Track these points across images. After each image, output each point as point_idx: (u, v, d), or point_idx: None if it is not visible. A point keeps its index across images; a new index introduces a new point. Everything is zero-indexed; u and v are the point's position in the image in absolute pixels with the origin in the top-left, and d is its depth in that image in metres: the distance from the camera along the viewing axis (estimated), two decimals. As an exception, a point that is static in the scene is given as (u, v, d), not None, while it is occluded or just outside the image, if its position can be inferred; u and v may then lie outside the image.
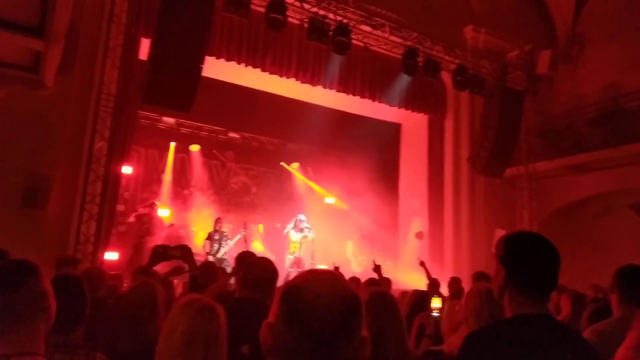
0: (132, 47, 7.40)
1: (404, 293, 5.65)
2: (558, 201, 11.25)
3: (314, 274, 1.02)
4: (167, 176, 12.43)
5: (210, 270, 4.07)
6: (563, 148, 10.69)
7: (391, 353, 2.14)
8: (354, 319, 0.96)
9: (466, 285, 5.73)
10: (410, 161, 12.59)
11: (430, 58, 9.31)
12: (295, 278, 1.02)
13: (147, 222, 10.09)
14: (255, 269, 2.57)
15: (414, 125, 12.37)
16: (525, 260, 1.59)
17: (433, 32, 9.74)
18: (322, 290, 0.95)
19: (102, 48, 7.13)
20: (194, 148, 12.68)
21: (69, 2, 5.48)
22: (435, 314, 3.08)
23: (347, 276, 6.00)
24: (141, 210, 10.39)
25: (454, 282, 6.32)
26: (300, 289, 0.96)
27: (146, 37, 7.51)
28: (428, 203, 11.72)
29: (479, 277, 4.93)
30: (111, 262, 8.25)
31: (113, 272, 6.38)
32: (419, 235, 11.89)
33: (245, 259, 3.25)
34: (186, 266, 2.99)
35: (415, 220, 12.24)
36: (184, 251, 2.98)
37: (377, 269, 5.84)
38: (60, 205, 6.99)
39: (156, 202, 10.65)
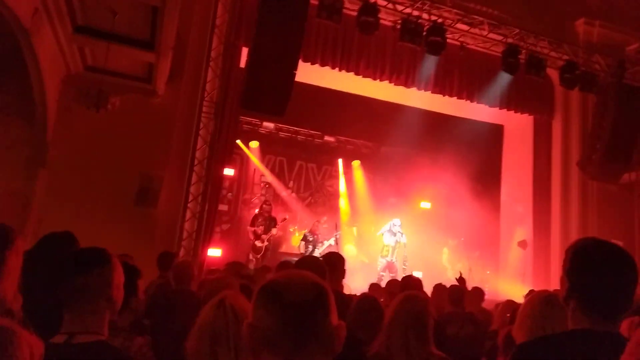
0: (232, 55, 7.87)
1: (497, 305, 5.33)
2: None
3: (287, 271, 1.12)
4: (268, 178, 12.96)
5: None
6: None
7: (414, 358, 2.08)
8: (324, 300, 1.02)
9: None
10: (514, 165, 11.89)
11: (533, 55, 8.73)
12: (269, 277, 1.11)
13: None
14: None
15: (517, 126, 11.68)
16: (592, 276, 1.41)
17: (538, 28, 9.14)
18: (294, 276, 1.05)
19: (205, 58, 7.67)
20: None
21: (175, 16, 5.97)
22: None
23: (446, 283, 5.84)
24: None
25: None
26: (274, 280, 1.05)
27: (245, 46, 7.93)
28: (533, 210, 10.99)
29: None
30: (214, 259, 8.84)
31: (212, 268, 6.82)
32: (522, 244, 11.19)
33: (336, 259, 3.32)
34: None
35: (518, 228, 11.53)
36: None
37: (461, 280, 5.56)
38: (168, 204, 7.64)
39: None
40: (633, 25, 10.37)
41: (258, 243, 9.88)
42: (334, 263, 3.31)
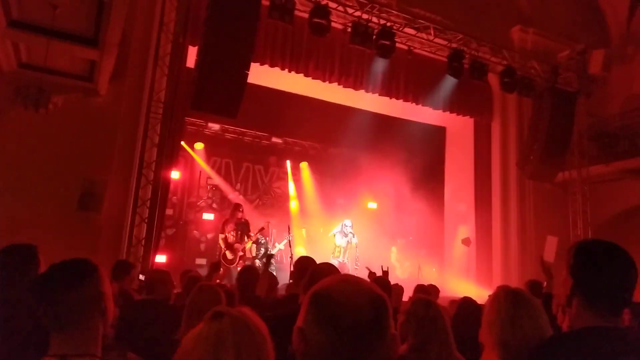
0: (180, 55, 7.61)
1: (453, 302, 5.47)
2: (615, 206, 10.72)
3: (340, 278, 1.06)
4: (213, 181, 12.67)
5: (252, 275, 4.08)
6: (619, 151, 10.19)
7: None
8: (383, 317, 0.99)
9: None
10: (456, 165, 12.34)
11: (477, 60, 9.11)
12: (323, 283, 1.06)
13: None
14: (320, 276, 2.57)
15: (459, 128, 12.13)
16: (597, 273, 1.48)
17: (479, 34, 9.53)
18: (351, 291, 0.99)
19: (152, 57, 7.37)
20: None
21: (123, 12, 5.69)
22: None
23: (393, 281, 5.91)
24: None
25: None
26: (329, 292, 1.00)
27: (193, 45, 7.70)
28: (475, 208, 11.45)
29: (532, 286, 4.73)
30: (160, 265, 8.50)
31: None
32: (465, 241, 11.62)
33: (307, 264, 3.25)
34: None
35: (461, 226, 11.98)
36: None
37: (384, 274, 5.55)
38: (113, 208, 7.25)
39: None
40: (564, 33, 11.06)
41: (229, 254, 9.07)
42: (306, 267, 3.27)
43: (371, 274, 5.25)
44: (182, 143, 10.61)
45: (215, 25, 6.94)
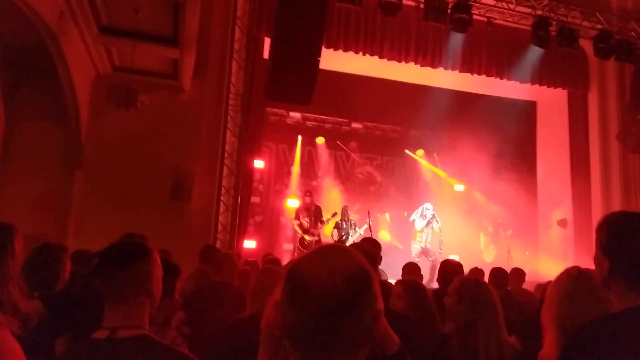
0: (255, 47, 7.86)
1: (540, 286, 5.16)
2: None
3: (319, 251, 0.96)
4: (296, 169, 12.98)
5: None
6: None
7: (482, 344, 1.98)
8: (360, 294, 0.88)
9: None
10: (549, 142, 11.54)
11: (565, 26, 8.39)
12: (300, 256, 0.97)
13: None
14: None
15: (551, 102, 11.30)
16: (635, 251, 1.33)
17: (568, -3, 8.78)
18: (322, 269, 0.88)
19: (228, 50, 7.68)
20: (320, 140, 13.04)
21: (197, 11, 5.99)
22: None
23: (478, 265, 5.69)
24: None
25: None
26: (300, 268, 0.91)
27: (267, 36, 7.91)
28: (572, 187, 10.64)
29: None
30: (249, 250, 8.92)
31: (250, 259, 6.89)
32: (562, 222, 10.87)
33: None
34: None
35: (557, 206, 11.20)
36: None
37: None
38: (201, 197, 7.73)
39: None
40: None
41: (307, 237, 9.47)
42: (370, 249, 3.27)
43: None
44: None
45: (285, 14, 7.05)
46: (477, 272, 5.35)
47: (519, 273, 5.67)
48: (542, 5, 8.52)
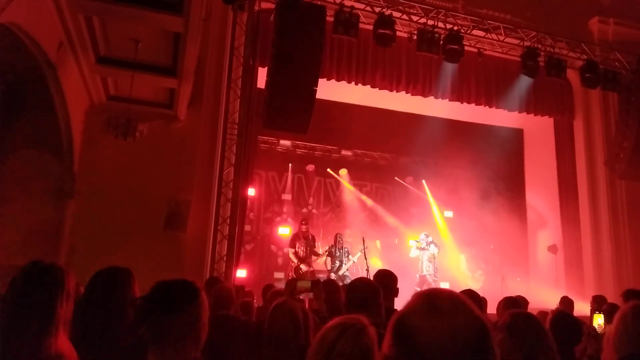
0: (251, 77, 7.91)
1: (542, 313, 5.16)
2: None
3: (429, 301, 0.90)
4: (287, 196, 12.95)
5: (335, 291, 4.09)
6: None
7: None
8: (481, 352, 0.84)
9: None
10: (537, 168, 11.75)
11: (553, 57, 8.66)
12: (408, 306, 0.92)
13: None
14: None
15: (538, 129, 11.56)
16: None
17: (553, 29, 9.09)
18: (440, 322, 0.84)
19: (225, 80, 7.71)
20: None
21: (197, 41, 6.03)
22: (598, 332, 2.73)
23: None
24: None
25: (599, 301, 5.66)
26: (413, 321, 0.86)
27: (262, 67, 7.97)
28: (560, 213, 10.80)
29: (630, 296, 4.37)
30: (240, 280, 8.78)
31: (247, 290, 6.77)
32: (552, 248, 10.97)
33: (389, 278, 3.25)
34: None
35: (546, 232, 11.34)
36: (315, 286, 3.16)
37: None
38: (196, 227, 7.62)
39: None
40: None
41: (303, 266, 9.32)
42: (387, 282, 3.23)
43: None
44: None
45: (282, 46, 7.14)
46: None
47: (524, 301, 5.66)
48: (530, 37, 8.79)
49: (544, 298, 9.49)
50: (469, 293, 3.53)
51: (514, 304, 4.06)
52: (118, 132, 6.04)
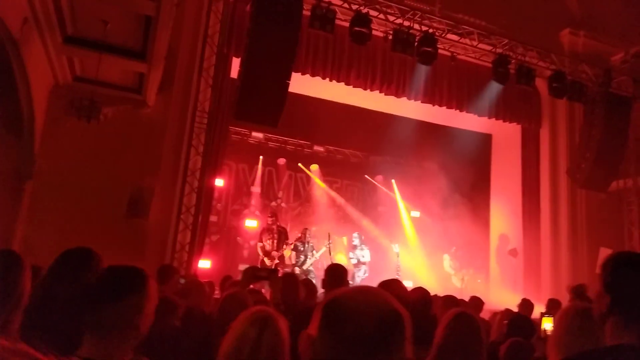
0: (224, 66, 7.81)
1: (495, 314, 5.30)
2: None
3: (359, 288, 1.03)
4: (256, 189, 12.87)
5: (293, 284, 4.10)
6: (680, 159, 9.62)
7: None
8: (392, 334, 0.94)
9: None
10: (503, 173, 11.99)
11: (523, 65, 8.84)
12: (339, 291, 1.03)
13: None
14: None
15: (505, 135, 11.79)
16: (637, 288, 1.40)
17: (525, 38, 9.27)
18: (362, 302, 0.95)
19: (197, 68, 7.59)
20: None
21: (169, 26, 5.90)
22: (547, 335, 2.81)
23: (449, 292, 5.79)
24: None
25: (553, 305, 5.84)
26: (341, 299, 0.97)
27: (237, 57, 7.88)
28: (522, 218, 11.07)
29: (578, 292, 4.52)
30: (203, 270, 8.69)
31: (206, 280, 6.70)
32: (512, 252, 11.24)
33: (340, 272, 3.28)
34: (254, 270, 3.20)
35: (508, 236, 11.60)
36: (271, 273, 3.16)
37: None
38: (159, 215, 7.49)
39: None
40: (616, 36, 10.58)
41: (267, 260, 9.27)
42: (337, 275, 3.28)
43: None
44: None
45: (257, 36, 7.07)
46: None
47: (477, 302, 5.80)
48: (502, 44, 8.95)
49: (502, 300, 9.74)
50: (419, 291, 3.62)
51: (455, 303, 4.17)
52: (81, 114, 5.87)
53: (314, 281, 6.72)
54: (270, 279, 3.16)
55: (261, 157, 12.95)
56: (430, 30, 8.43)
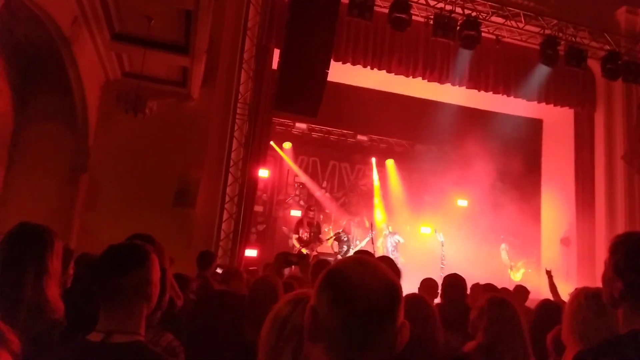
0: (264, 57, 7.92)
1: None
2: None
3: (356, 260, 1.05)
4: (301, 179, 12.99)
5: (323, 269, 4.16)
6: None
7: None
8: (396, 304, 0.97)
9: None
10: (555, 160, 11.53)
11: (573, 46, 8.43)
12: (339, 262, 1.05)
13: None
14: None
15: (557, 120, 11.31)
16: None
17: (577, 18, 8.82)
18: (367, 275, 0.97)
19: (237, 60, 7.74)
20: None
21: (208, 20, 6.05)
22: None
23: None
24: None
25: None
26: (345, 273, 0.98)
27: (277, 48, 7.97)
28: (576, 206, 10.60)
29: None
30: (251, 259, 8.92)
31: (251, 268, 6.89)
32: (564, 241, 10.81)
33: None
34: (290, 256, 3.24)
35: (560, 224, 11.16)
36: (301, 259, 3.22)
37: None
38: (205, 205, 7.75)
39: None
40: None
41: (305, 250, 9.25)
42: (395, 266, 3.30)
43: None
44: (272, 143, 11.01)
45: (295, 26, 7.11)
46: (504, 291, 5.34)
47: (522, 291, 5.65)
48: (551, 25, 8.57)
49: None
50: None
51: (492, 290, 4.09)
52: (128, 108, 6.15)
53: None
54: (300, 264, 3.23)
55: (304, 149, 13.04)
56: (474, 14, 8.18)
